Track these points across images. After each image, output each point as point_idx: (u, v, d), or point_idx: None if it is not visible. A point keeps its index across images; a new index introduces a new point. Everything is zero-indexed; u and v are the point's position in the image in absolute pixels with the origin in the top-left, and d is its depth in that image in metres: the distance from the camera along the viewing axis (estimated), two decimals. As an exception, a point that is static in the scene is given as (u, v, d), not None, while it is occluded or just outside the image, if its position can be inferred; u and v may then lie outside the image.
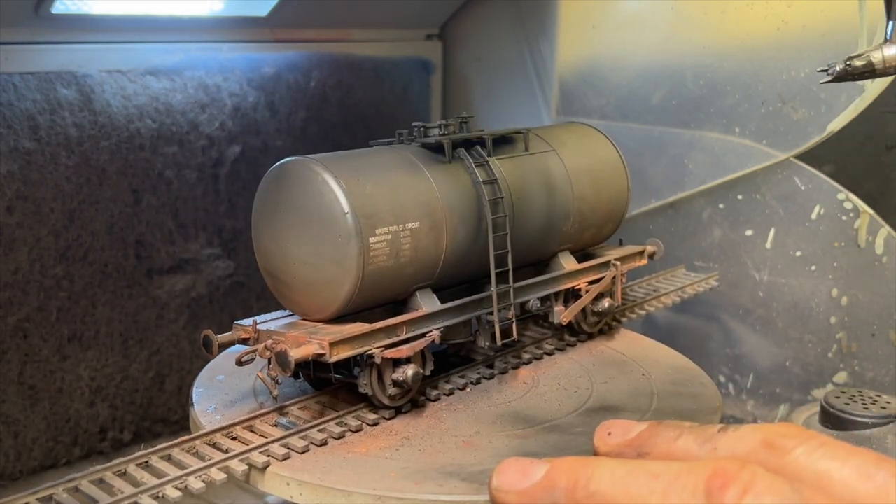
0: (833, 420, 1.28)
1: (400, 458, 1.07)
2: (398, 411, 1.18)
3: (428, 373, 1.19)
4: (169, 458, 1.07)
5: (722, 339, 1.83)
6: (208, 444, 1.11)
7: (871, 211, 1.59)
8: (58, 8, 1.66)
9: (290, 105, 2.08)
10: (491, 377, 1.31)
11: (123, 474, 1.04)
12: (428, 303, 1.22)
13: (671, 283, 1.70)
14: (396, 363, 1.14)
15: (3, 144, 1.61)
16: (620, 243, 1.59)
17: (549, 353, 1.42)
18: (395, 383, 1.14)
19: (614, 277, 1.44)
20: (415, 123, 1.30)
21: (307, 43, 2.13)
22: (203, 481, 1.03)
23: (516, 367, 1.35)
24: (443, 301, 1.23)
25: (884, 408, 1.27)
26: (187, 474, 1.03)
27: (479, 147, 1.28)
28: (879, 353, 1.61)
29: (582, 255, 1.51)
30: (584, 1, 1.99)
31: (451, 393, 1.26)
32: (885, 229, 1.58)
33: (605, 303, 1.43)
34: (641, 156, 1.90)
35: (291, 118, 2.09)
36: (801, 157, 1.66)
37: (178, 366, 1.97)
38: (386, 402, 1.15)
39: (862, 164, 1.62)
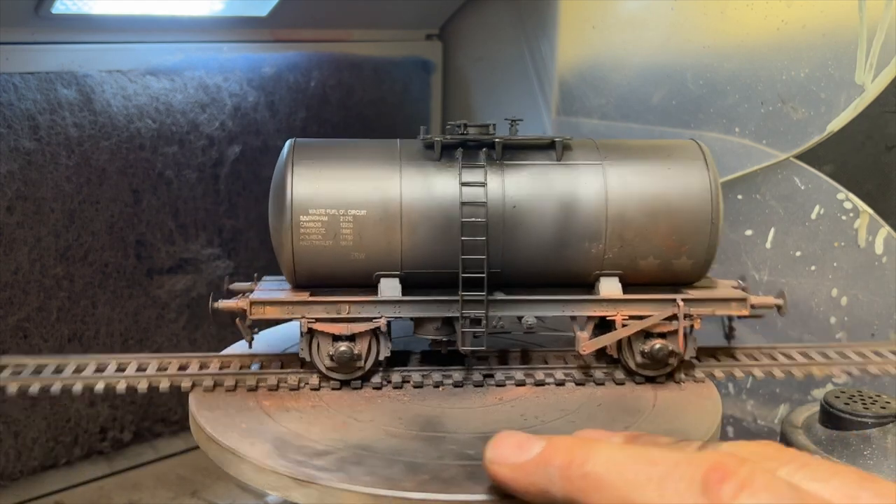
0: (833, 420, 1.28)
1: (282, 419, 1.18)
2: (345, 384, 1.28)
3: (381, 358, 1.27)
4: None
5: (722, 339, 1.83)
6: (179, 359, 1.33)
7: (871, 211, 1.59)
8: (58, 8, 1.66)
9: (290, 105, 2.08)
10: (458, 385, 1.28)
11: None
12: (388, 291, 1.28)
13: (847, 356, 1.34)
14: (336, 338, 1.26)
15: (4, 144, 1.61)
16: (742, 282, 1.34)
17: (558, 383, 1.28)
18: (329, 356, 1.25)
19: (672, 318, 1.25)
20: (451, 123, 1.30)
21: (307, 43, 2.14)
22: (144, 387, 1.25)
23: (502, 383, 1.28)
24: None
25: (883, 407, 1.27)
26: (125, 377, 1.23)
27: (488, 150, 1.27)
28: (879, 352, 1.61)
29: (649, 289, 1.29)
30: (584, 1, 1.99)
31: (419, 386, 1.28)
32: (885, 229, 1.58)
33: (656, 344, 1.24)
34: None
35: (291, 118, 2.09)
36: (800, 156, 1.66)
37: (178, 366, 1.98)
38: (323, 371, 1.27)
39: (862, 164, 1.62)
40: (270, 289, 1.34)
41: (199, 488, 1.86)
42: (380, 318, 1.26)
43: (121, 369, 1.28)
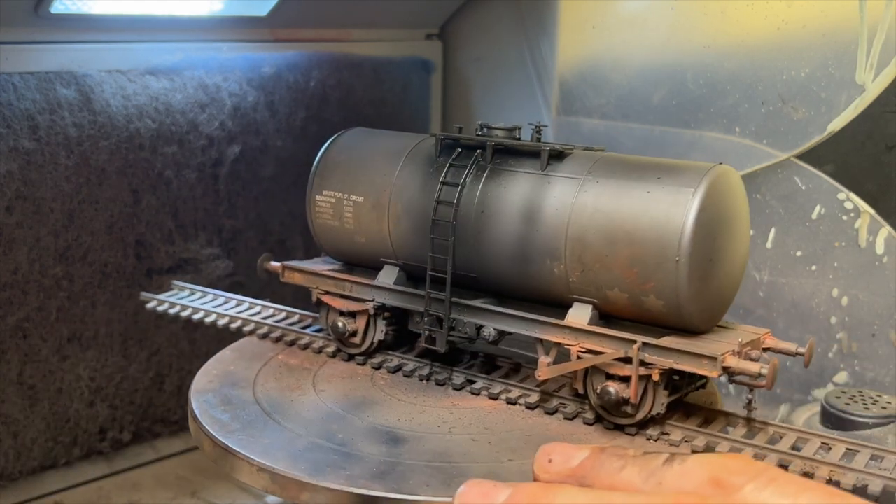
0: (833, 420, 1.27)
1: (268, 373, 1.34)
2: (350, 357, 1.38)
3: (374, 340, 1.35)
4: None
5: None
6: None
7: (871, 211, 1.59)
8: (57, 8, 1.66)
9: (290, 105, 2.08)
10: (424, 378, 1.31)
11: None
12: (384, 277, 1.35)
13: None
14: (341, 313, 1.36)
15: (3, 144, 1.61)
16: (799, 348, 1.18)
17: (511, 402, 1.23)
18: (330, 327, 1.37)
19: (627, 361, 1.10)
20: (482, 123, 1.31)
21: (307, 43, 2.13)
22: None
23: (458, 388, 1.28)
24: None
25: (884, 408, 1.27)
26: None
27: (482, 153, 1.27)
28: (880, 353, 1.61)
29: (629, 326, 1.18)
30: (584, 1, 1.99)
31: (394, 371, 1.34)
32: (886, 229, 1.58)
33: (610, 388, 1.10)
34: (642, 155, 1.90)
35: (291, 118, 2.08)
36: (801, 156, 1.66)
37: (177, 366, 1.97)
38: (335, 339, 1.38)
39: (862, 164, 1.62)
40: (314, 262, 1.48)
41: (199, 489, 1.86)
42: (371, 300, 1.33)
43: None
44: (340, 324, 1.35)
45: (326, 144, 1.44)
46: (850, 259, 1.62)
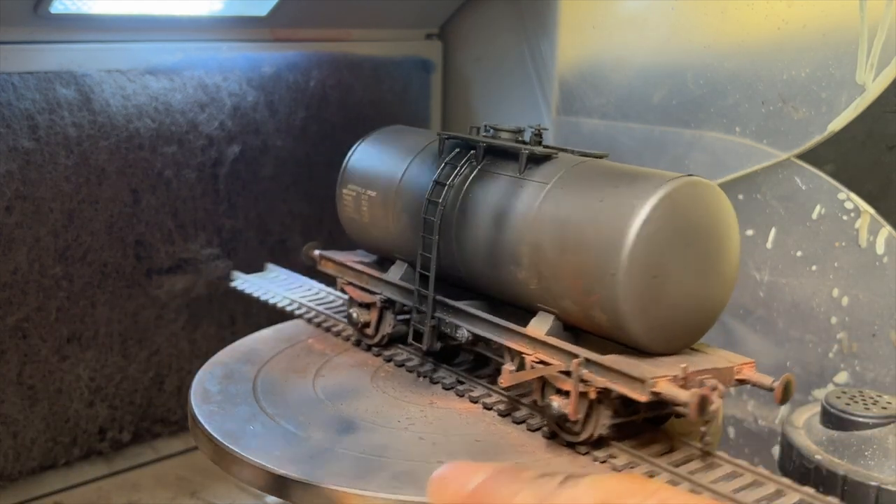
0: (834, 420, 1.27)
1: (287, 356, 1.41)
2: (368, 347, 1.41)
3: (383, 332, 1.38)
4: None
5: (722, 339, 1.83)
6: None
7: (872, 211, 1.59)
8: (57, 7, 1.66)
9: (290, 105, 2.07)
10: (421, 375, 1.33)
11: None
12: (392, 272, 1.38)
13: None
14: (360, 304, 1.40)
15: (2, 144, 1.61)
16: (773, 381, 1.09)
17: (487, 407, 1.23)
18: (347, 317, 1.41)
19: (567, 374, 1.06)
20: (485, 123, 1.31)
21: (307, 42, 2.13)
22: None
23: (450, 386, 1.28)
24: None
25: (885, 408, 1.26)
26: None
27: (475, 153, 1.28)
28: (880, 353, 1.60)
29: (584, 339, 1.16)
30: (584, 1, 1.99)
31: (400, 365, 1.36)
32: (886, 229, 1.58)
33: (553, 402, 1.06)
34: (642, 156, 1.90)
35: (291, 118, 2.08)
36: (801, 156, 1.66)
37: (177, 366, 1.97)
38: (354, 329, 1.42)
39: (863, 164, 1.62)
40: (350, 253, 1.53)
41: (199, 489, 1.86)
42: (380, 294, 1.36)
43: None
44: (355, 314, 1.39)
45: (359, 142, 1.50)
46: (851, 259, 1.62)
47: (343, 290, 1.45)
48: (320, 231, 2.20)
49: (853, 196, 1.61)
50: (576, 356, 1.06)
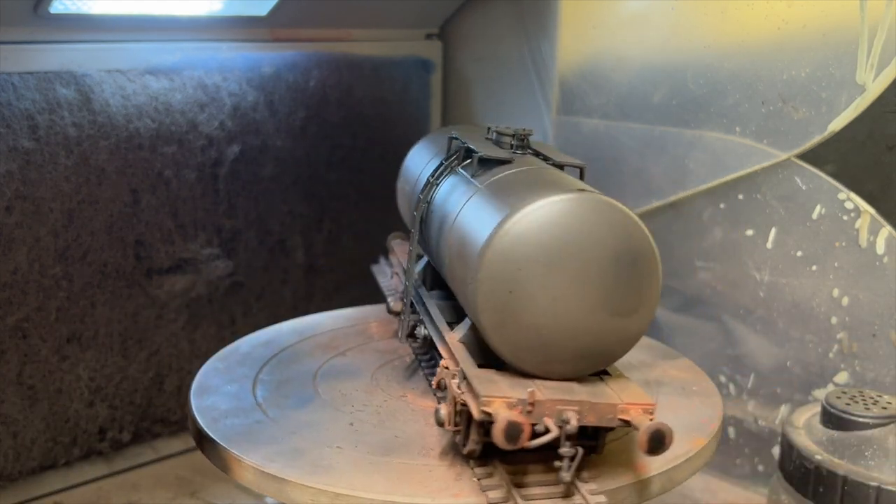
0: (834, 420, 1.27)
1: (340, 335, 1.51)
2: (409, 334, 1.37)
3: (408, 322, 1.34)
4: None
5: (722, 339, 1.83)
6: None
7: (872, 211, 1.59)
8: (56, 7, 1.65)
9: (290, 104, 2.07)
10: (425, 370, 1.35)
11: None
12: (419, 264, 1.44)
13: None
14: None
15: (2, 144, 1.61)
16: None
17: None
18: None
19: (444, 385, 1.05)
20: (489, 126, 1.36)
21: (307, 42, 2.13)
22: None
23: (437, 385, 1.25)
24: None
25: (885, 408, 1.26)
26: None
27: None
28: (880, 353, 1.60)
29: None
30: (584, 1, 1.99)
31: (421, 363, 1.37)
32: (886, 229, 1.58)
33: (440, 409, 1.04)
34: (642, 155, 1.90)
35: (291, 118, 2.08)
36: (801, 156, 1.66)
37: (177, 366, 1.97)
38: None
39: (863, 164, 1.62)
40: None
41: (199, 489, 1.85)
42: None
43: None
44: (390, 301, 1.38)
45: (423, 137, 1.59)
46: (851, 259, 1.62)
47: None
48: (320, 231, 2.20)
49: (853, 196, 1.61)
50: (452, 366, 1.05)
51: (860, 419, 1.25)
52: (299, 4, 2.02)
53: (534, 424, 0.93)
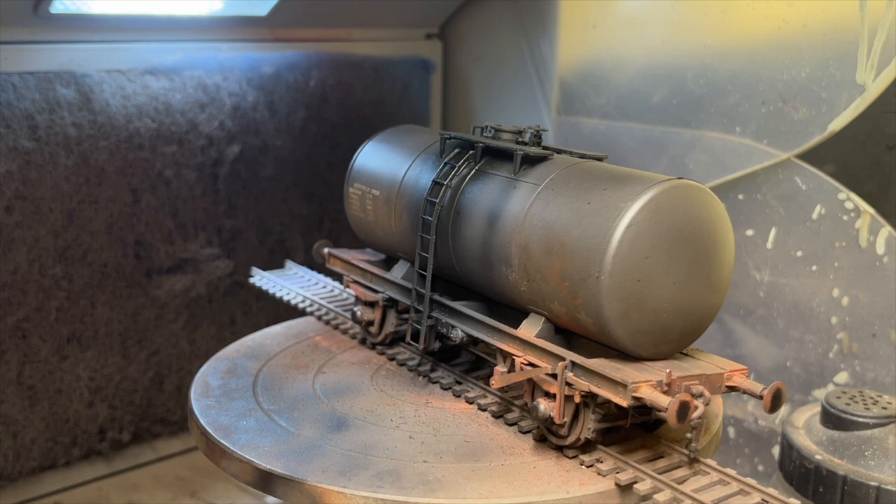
0: (834, 420, 1.27)
1: (292, 352, 1.42)
2: (374, 345, 1.43)
3: (386, 331, 1.39)
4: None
5: (722, 339, 1.83)
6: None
7: (872, 211, 1.59)
8: (56, 7, 1.65)
9: (290, 104, 2.07)
10: (422, 374, 1.33)
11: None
12: (396, 270, 1.38)
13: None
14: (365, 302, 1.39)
15: (2, 144, 1.61)
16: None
17: (482, 408, 1.22)
18: (352, 315, 1.41)
19: (553, 376, 1.06)
20: (486, 124, 1.32)
21: (307, 42, 2.13)
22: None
23: (447, 387, 1.28)
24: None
25: (885, 408, 1.26)
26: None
27: (473, 153, 1.28)
28: (880, 353, 1.60)
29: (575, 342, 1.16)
30: (584, 1, 1.99)
31: (413, 369, 1.36)
32: (887, 229, 1.58)
33: (539, 404, 1.06)
34: (642, 155, 1.90)
35: (291, 118, 2.08)
36: (802, 156, 1.66)
37: (177, 366, 1.97)
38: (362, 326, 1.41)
39: (863, 164, 1.62)
40: (360, 252, 1.54)
41: (198, 489, 1.85)
42: (382, 292, 1.36)
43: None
44: (359, 312, 1.38)
45: (367, 140, 1.50)
46: (851, 259, 1.62)
47: (349, 288, 1.45)
48: (320, 231, 2.20)
49: (853, 196, 1.61)
50: (563, 359, 1.05)
51: (860, 419, 1.25)
52: (299, 4, 2.02)
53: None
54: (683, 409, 0.96)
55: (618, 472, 1.03)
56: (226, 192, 1.99)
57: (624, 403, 0.98)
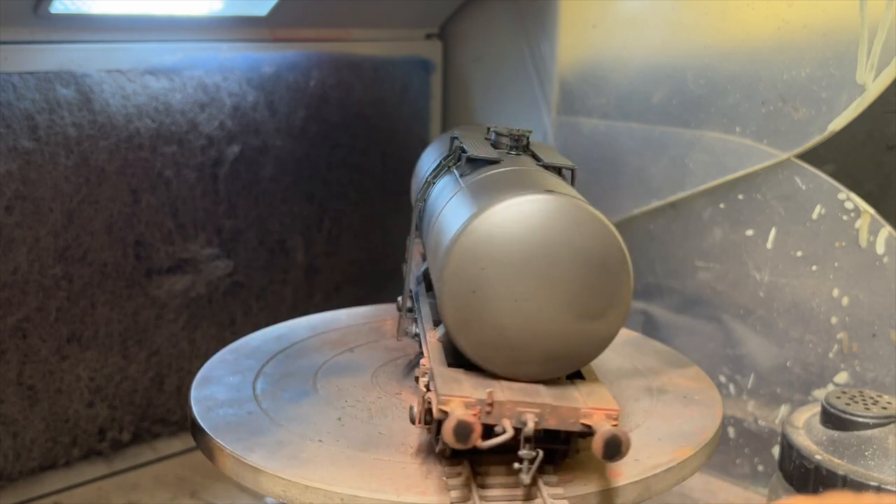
0: (834, 420, 1.27)
1: (353, 330, 1.52)
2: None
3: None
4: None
5: (722, 339, 1.83)
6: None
7: (872, 211, 1.59)
8: (56, 7, 1.65)
9: (290, 104, 2.07)
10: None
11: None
12: (420, 265, 1.42)
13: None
14: None
15: (2, 144, 1.61)
16: None
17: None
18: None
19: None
20: (489, 125, 1.37)
21: (307, 42, 2.13)
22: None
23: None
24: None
25: (885, 408, 1.26)
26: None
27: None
28: (880, 353, 1.61)
29: None
30: (584, 1, 1.99)
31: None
32: (886, 229, 1.58)
33: (413, 407, 1.07)
34: (642, 155, 1.90)
35: (291, 118, 2.08)
36: (801, 156, 1.66)
37: (177, 366, 1.97)
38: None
39: (863, 164, 1.62)
40: None
41: (198, 489, 1.85)
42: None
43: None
44: (400, 300, 1.34)
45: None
46: (851, 259, 1.62)
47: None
48: (320, 231, 2.20)
49: (853, 196, 1.61)
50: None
51: (860, 419, 1.25)
52: (299, 4, 2.01)
53: (492, 425, 0.93)
54: (461, 428, 0.91)
55: (453, 491, 0.99)
56: (226, 192, 1.99)
57: (435, 414, 0.95)
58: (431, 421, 1.00)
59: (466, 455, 1.02)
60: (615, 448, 0.93)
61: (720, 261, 1.81)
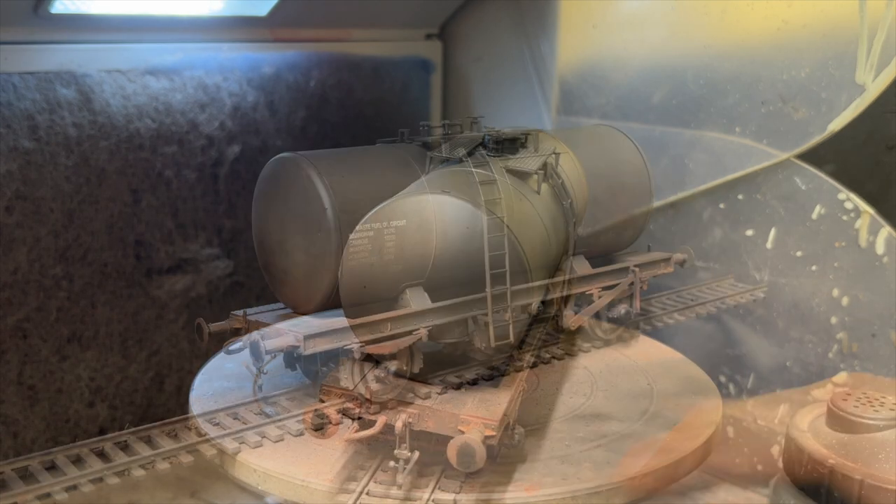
0: (841, 422, 1.26)
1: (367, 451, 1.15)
2: (384, 406, 1.15)
3: (416, 370, 1.17)
4: (148, 441, 1.25)
5: (722, 339, 1.83)
6: (188, 429, 1.25)
7: (871, 211, 1.59)
8: (57, 7, 1.65)
9: (290, 105, 2.07)
10: (490, 378, 1.26)
11: (100, 453, 1.21)
12: (417, 301, 1.19)
13: (713, 292, 1.68)
14: (380, 359, 1.13)
15: (3, 144, 1.61)
16: (648, 249, 1.53)
17: (558, 358, 1.39)
18: (377, 379, 1.12)
19: (632, 283, 1.38)
20: (421, 123, 1.32)
21: (307, 43, 2.13)
22: (170, 463, 1.21)
23: (518, 369, 1.29)
24: (435, 300, 1.19)
25: (892, 409, 1.25)
26: (156, 455, 1.21)
27: (481, 148, 1.29)
28: (880, 353, 1.61)
29: (602, 261, 1.44)
30: (584, 1, 1.99)
31: (443, 391, 1.22)
32: (886, 229, 1.58)
33: (622, 309, 1.38)
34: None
35: (291, 118, 2.08)
36: (801, 156, 1.66)
37: (177, 366, 1.97)
38: (368, 396, 1.13)
39: (863, 164, 1.62)
40: (276, 316, 1.55)
41: (199, 489, 1.85)
42: (417, 329, 1.24)
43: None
44: (394, 368, 1.15)
45: (317, 182, 1.53)
46: (851, 259, 1.62)
47: (357, 361, 1.19)
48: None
49: (853, 196, 1.61)
50: (630, 270, 1.40)
51: (870, 422, 1.24)
52: (299, 4, 2.01)
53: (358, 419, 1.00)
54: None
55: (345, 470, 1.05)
56: (226, 192, 1.99)
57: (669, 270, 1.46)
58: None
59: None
60: (469, 456, 0.93)
61: (720, 261, 1.81)
